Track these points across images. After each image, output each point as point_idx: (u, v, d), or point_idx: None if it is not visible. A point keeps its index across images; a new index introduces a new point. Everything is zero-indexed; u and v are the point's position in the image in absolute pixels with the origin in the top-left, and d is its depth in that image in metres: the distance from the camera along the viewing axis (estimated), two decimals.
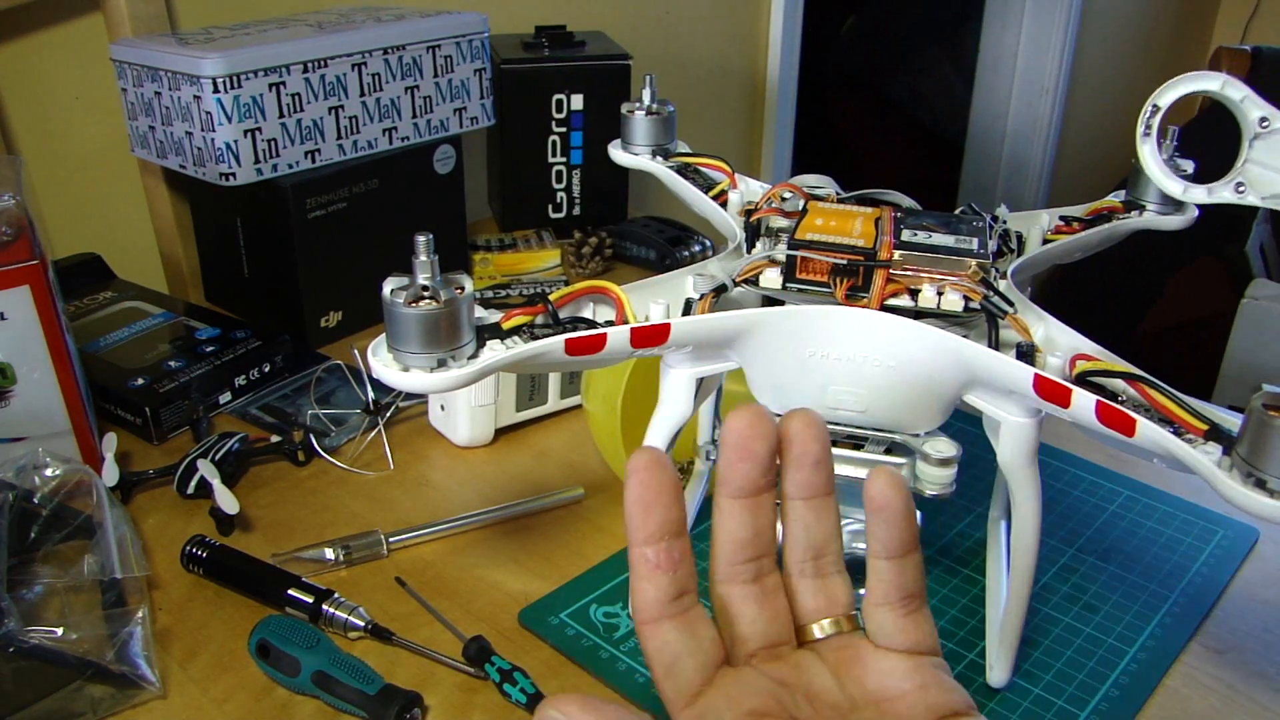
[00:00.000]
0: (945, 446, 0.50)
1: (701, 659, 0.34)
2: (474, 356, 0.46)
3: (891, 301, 0.50)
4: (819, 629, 0.36)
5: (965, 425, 0.74)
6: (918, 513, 0.54)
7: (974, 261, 0.50)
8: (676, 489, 0.33)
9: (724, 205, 0.64)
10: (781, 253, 0.52)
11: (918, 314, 0.50)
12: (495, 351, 0.47)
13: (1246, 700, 0.56)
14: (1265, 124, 0.53)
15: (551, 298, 0.49)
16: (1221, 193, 0.55)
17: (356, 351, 0.82)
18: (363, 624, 0.58)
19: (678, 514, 0.33)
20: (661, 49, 1.49)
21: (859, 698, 0.34)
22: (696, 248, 1.10)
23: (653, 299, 0.51)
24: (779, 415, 0.35)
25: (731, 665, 0.34)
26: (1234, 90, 0.53)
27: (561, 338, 0.47)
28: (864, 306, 0.49)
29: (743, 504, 0.34)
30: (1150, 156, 0.56)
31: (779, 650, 0.35)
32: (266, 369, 0.85)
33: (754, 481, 0.34)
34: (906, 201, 0.60)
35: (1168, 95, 0.56)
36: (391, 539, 0.66)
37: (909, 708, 0.34)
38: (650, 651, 0.33)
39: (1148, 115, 0.56)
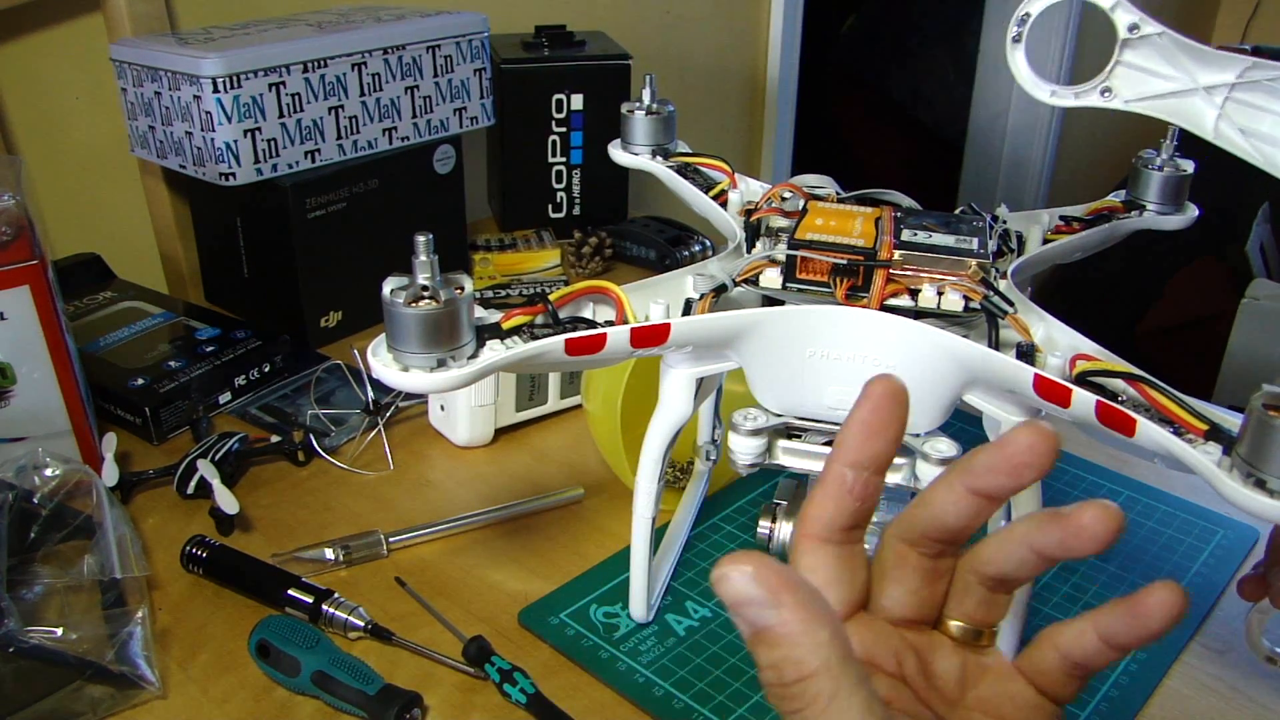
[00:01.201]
0: (945, 446, 0.50)
1: (847, 594, 0.33)
2: (474, 356, 0.46)
3: (891, 301, 0.50)
4: (958, 628, 0.35)
5: (965, 425, 0.74)
6: None
7: (974, 261, 0.50)
8: (902, 429, 0.32)
9: (724, 205, 0.64)
10: (781, 253, 0.52)
11: (918, 314, 0.50)
12: (495, 351, 0.47)
13: (1246, 700, 0.56)
14: (1135, 30, 0.55)
15: (551, 298, 0.49)
16: (1089, 95, 0.56)
17: (356, 351, 0.82)
18: (363, 624, 0.58)
19: (890, 454, 0.33)
20: (661, 49, 1.49)
21: (970, 699, 0.34)
22: (696, 248, 1.10)
23: (653, 299, 0.51)
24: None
25: (868, 613, 0.34)
26: None
27: (561, 338, 0.47)
28: (864, 306, 0.49)
29: (972, 499, 0.33)
30: (1020, 63, 0.58)
31: (919, 628, 0.35)
32: (266, 369, 0.85)
33: (1003, 490, 0.32)
34: (906, 201, 0.60)
35: (1039, 2, 0.57)
36: (391, 539, 0.66)
37: None
38: (799, 568, 0.33)
39: (1018, 23, 0.57)
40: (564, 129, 1.15)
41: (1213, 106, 0.54)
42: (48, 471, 0.62)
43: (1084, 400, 0.43)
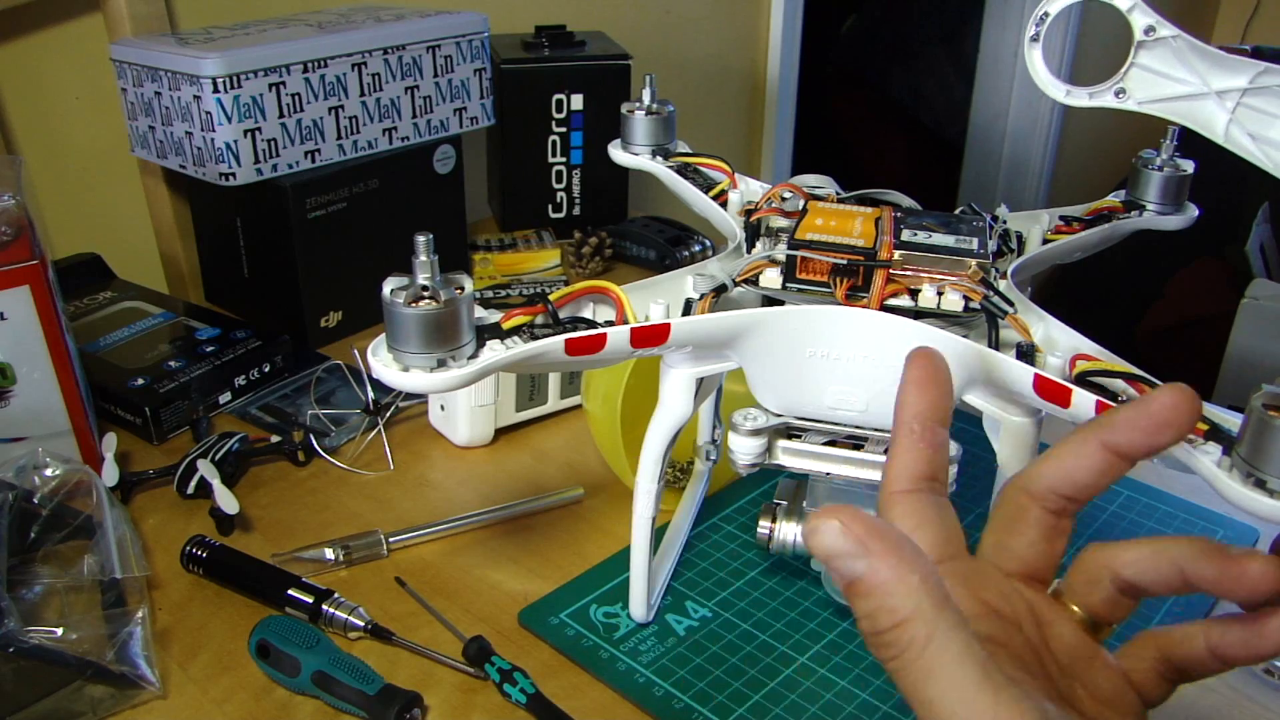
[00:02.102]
0: None
1: (944, 534, 0.33)
2: (474, 356, 0.46)
3: (891, 301, 0.50)
4: (1079, 616, 0.35)
5: (965, 425, 0.74)
6: None
7: (974, 261, 0.50)
8: (949, 381, 0.34)
9: (724, 205, 0.64)
10: (781, 253, 0.52)
11: (918, 314, 0.50)
12: (495, 351, 0.47)
13: (1247, 700, 0.56)
14: (1151, 32, 0.55)
15: (551, 298, 0.49)
16: (1103, 96, 0.57)
17: (356, 351, 0.82)
18: (363, 624, 0.58)
19: (947, 405, 0.34)
20: (661, 49, 1.49)
21: (1082, 676, 0.33)
22: (696, 248, 1.10)
23: (653, 299, 0.51)
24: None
25: (981, 558, 0.34)
26: (1123, 0, 0.55)
27: (561, 338, 0.47)
28: (864, 306, 0.49)
29: (1104, 456, 0.33)
30: (1037, 60, 0.58)
31: (1036, 585, 0.35)
32: (266, 369, 0.85)
33: (1139, 449, 0.32)
34: (906, 201, 0.60)
35: (1057, 2, 0.57)
36: (391, 539, 0.66)
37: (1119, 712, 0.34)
38: (893, 518, 0.33)
39: (1036, 22, 0.57)
40: (564, 129, 1.15)
41: (1224, 111, 0.55)
42: (48, 471, 0.63)
43: (1084, 400, 0.43)
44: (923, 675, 0.27)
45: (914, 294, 0.50)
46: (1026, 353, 0.47)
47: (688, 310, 0.52)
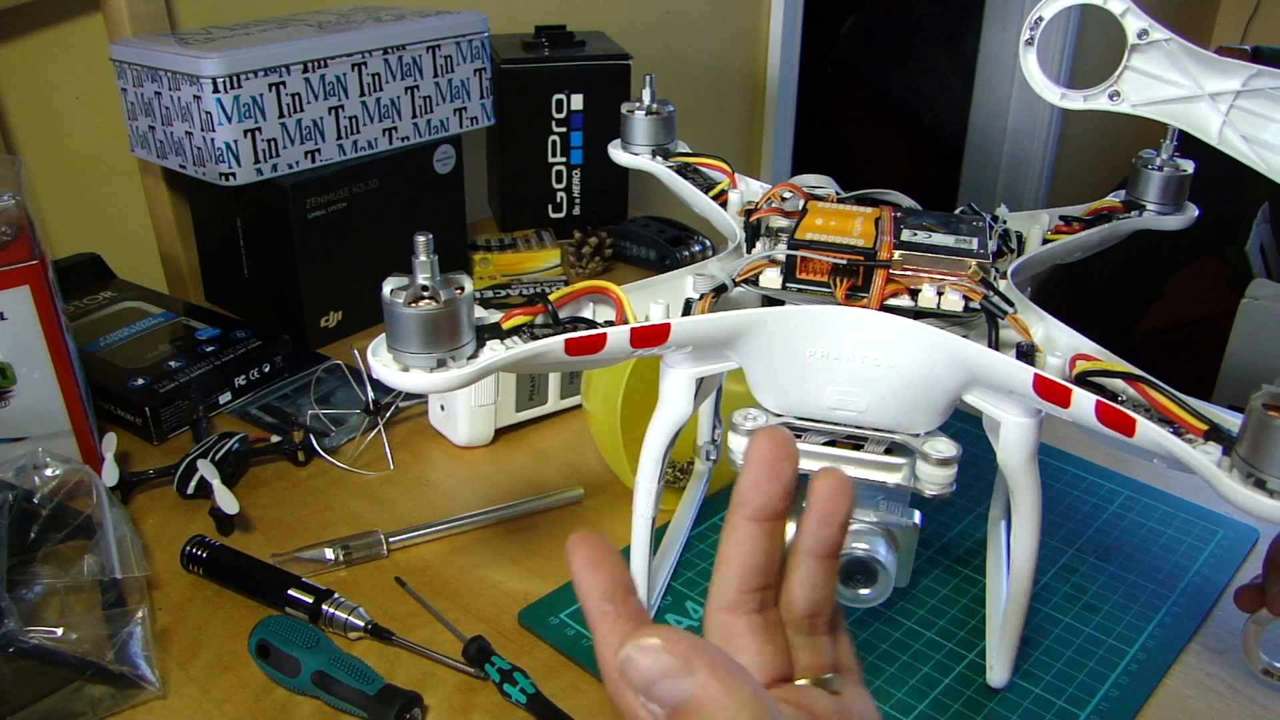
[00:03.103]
0: (945, 446, 0.50)
1: (770, 663, 0.34)
2: (474, 356, 0.46)
3: (891, 301, 0.50)
4: (806, 685, 0.35)
5: (965, 425, 0.74)
6: (916, 513, 0.54)
7: (974, 261, 0.50)
8: (616, 554, 0.33)
9: (724, 205, 0.64)
10: (781, 253, 0.52)
11: (918, 314, 0.50)
12: (495, 351, 0.47)
13: (1246, 700, 0.56)
14: (1144, 36, 0.55)
15: (551, 298, 0.49)
16: (1098, 99, 0.57)
17: (356, 351, 0.82)
18: (363, 624, 0.58)
19: (624, 573, 0.32)
20: (661, 49, 1.49)
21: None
22: (696, 248, 1.10)
23: (653, 299, 0.51)
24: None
25: None
26: (1116, 3, 0.56)
27: (561, 338, 0.47)
28: (864, 306, 0.49)
29: (761, 528, 0.33)
30: (1032, 64, 0.58)
31: (781, 686, 0.34)
32: (266, 369, 0.85)
33: (776, 505, 0.32)
34: (906, 201, 0.60)
35: (1053, 6, 0.58)
36: (391, 539, 0.66)
37: None
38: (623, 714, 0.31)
39: (1031, 26, 0.58)
40: (564, 129, 1.15)
41: (1218, 113, 0.55)
42: (48, 471, 0.63)
43: (1084, 400, 0.43)
44: None
45: (914, 294, 0.50)
46: (1026, 353, 0.47)
47: (688, 310, 0.52)
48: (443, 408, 0.78)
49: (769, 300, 0.53)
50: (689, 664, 0.26)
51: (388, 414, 0.79)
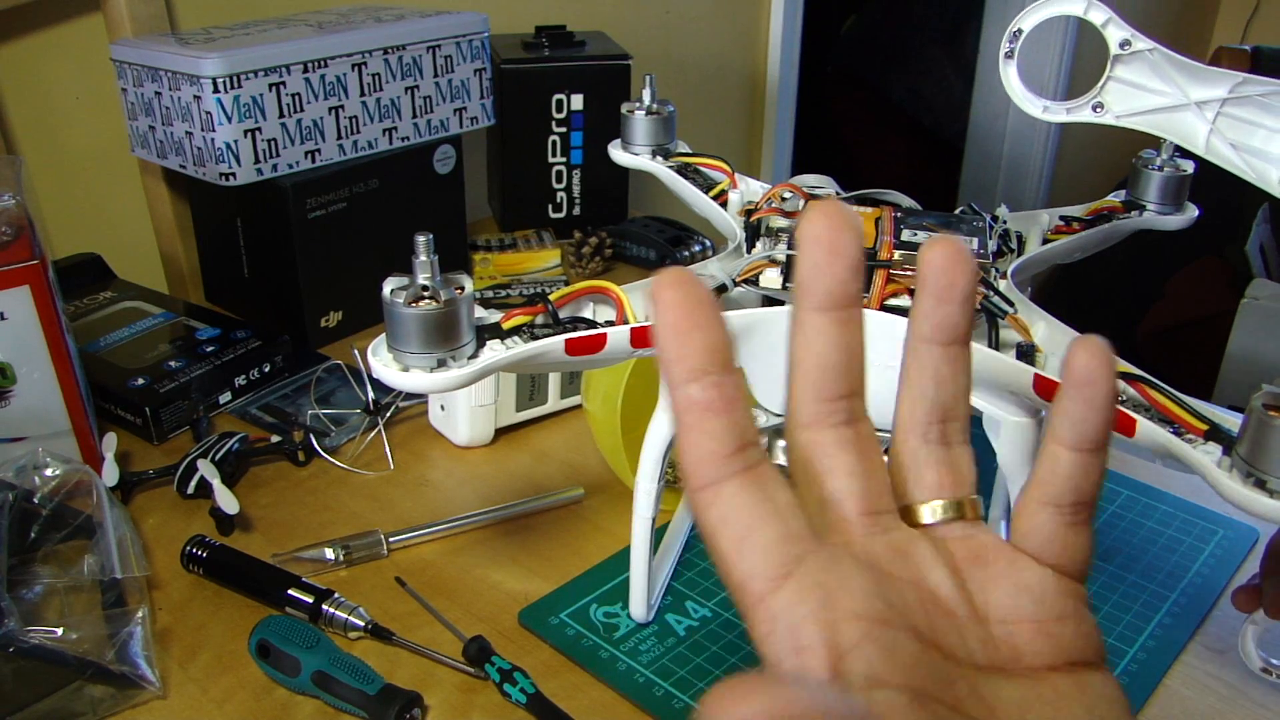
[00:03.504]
0: None
1: (781, 531, 0.24)
2: (474, 356, 0.46)
3: (891, 301, 0.50)
4: (931, 511, 0.28)
5: None
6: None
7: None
8: (716, 310, 0.24)
9: (724, 205, 0.64)
10: (781, 253, 0.52)
11: None
12: (495, 351, 0.47)
13: (1246, 700, 0.56)
14: (1126, 46, 0.55)
15: (551, 298, 0.49)
16: (1081, 111, 0.57)
17: (356, 351, 0.82)
18: (363, 624, 0.58)
19: (723, 340, 0.24)
20: (661, 49, 1.49)
21: (981, 609, 0.27)
22: (696, 248, 1.10)
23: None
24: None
25: (818, 544, 0.25)
26: (1097, 14, 0.55)
27: (561, 338, 0.47)
28: (864, 306, 0.49)
29: (833, 318, 0.26)
30: (1012, 77, 0.58)
31: (881, 520, 0.27)
32: (266, 369, 0.85)
33: (846, 286, 0.26)
34: (906, 201, 0.60)
35: (1032, 18, 0.57)
36: (391, 539, 0.66)
37: (1034, 640, 0.26)
38: (711, 525, 0.24)
39: (1010, 39, 0.57)
40: (564, 129, 1.15)
41: (1204, 122, 0.55)
42: (48, 471, 0.63)
43: None
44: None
45: (914, 294, 0.50)
46: (1026, 353, 0.47)
47: None
48: (443, 408, 0.78)
49: (769, 300, 0.53)
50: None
51: (388, 414, 0.79)
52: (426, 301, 0.44)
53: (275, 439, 0.75)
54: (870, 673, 0.23)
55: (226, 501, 0.66)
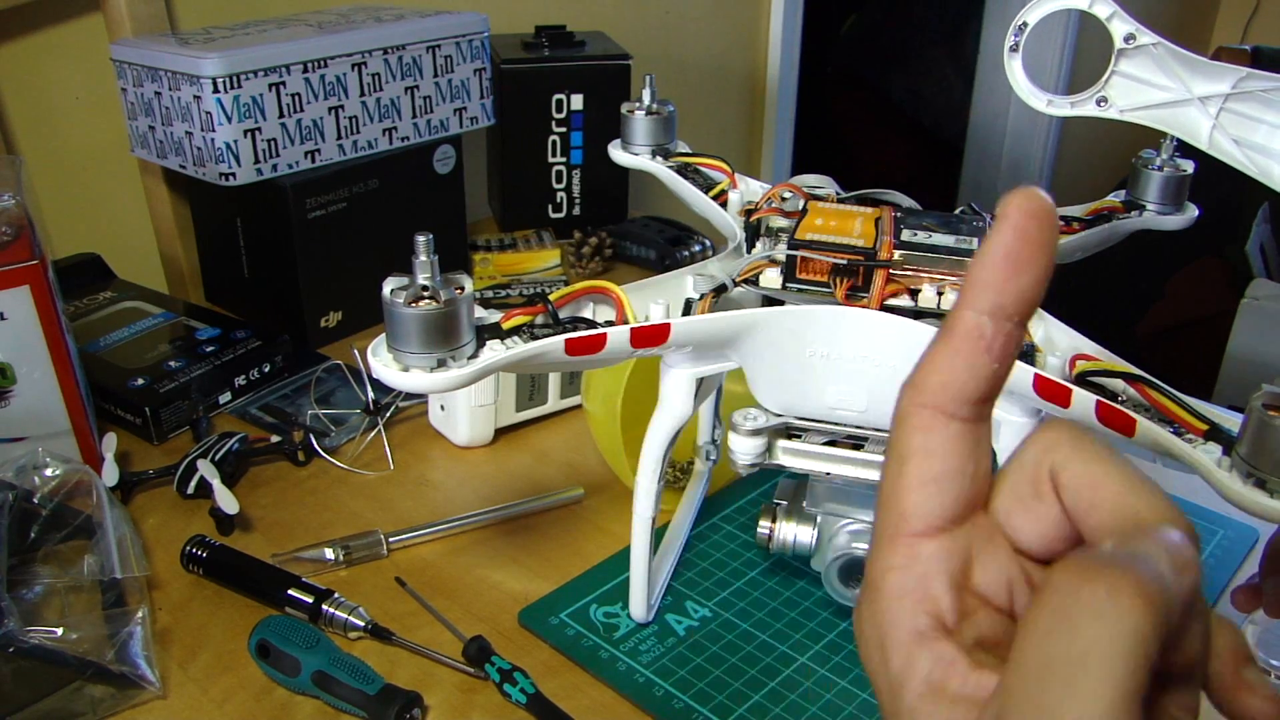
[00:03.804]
0: None
1: (966, 491, 0.25)
2: (474, 356, 0.46)
3: (891, 301, 0.50)
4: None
5: None
6: None
7: None
8: (1053, 257, 0.24)
9: (724, 205, 0.64)
10: (781, 253, 0.52)
11: (918, 314, 0.50)
12: (495, 351, 0.47)
13: None
14: (1131, 40, 0.55)
15: (551, 298, 0.49)
16: (1085, 105, 0.57)
17: (356, 351, 0.82)
18: (363, 624, 0.58)
19: (1039, 295, 0.24)
20: (661, 49, 1.49)
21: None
22: (696, 248, 1.10)
23: (653, 299, 0.51)
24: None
25: (979, 517, 0.26)
26: (1103, 7, 0.55)
27: (561, 338, 0.47)
28: (864, 306, 0.49)
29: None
30: (1017, 71, 0.58)
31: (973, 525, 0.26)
32: (266, 369, 0.85)
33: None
34: (906, 201, 0.60)
35: (1037, 11, 0.57)
36: (391, 539, 0.66)
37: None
38: (910, 448, 0.25)
39: (1015, 33, 0.57)
40: (564, 129, 1.15)
41: (1207, 117, 0.55)
42: (48, 471, 0.63)
43: (1084, 400, 0.43)
44: None
45: (914, 294, 0.50)
46: (1026, 353, 0.47)
47: (688, 310, 0.52)
48: (443, 408, 0.78)
49: (769, 300, 0.53)
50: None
51: (388, 414, 0.79)
52: (426, 301, 0.44)
53: (275, 439, 0.75)
54: (975, 638, 0.24)
55: (226, 501, 0.66)
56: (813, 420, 0.52)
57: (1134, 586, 0.20)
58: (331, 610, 0.59)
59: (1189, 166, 0.65)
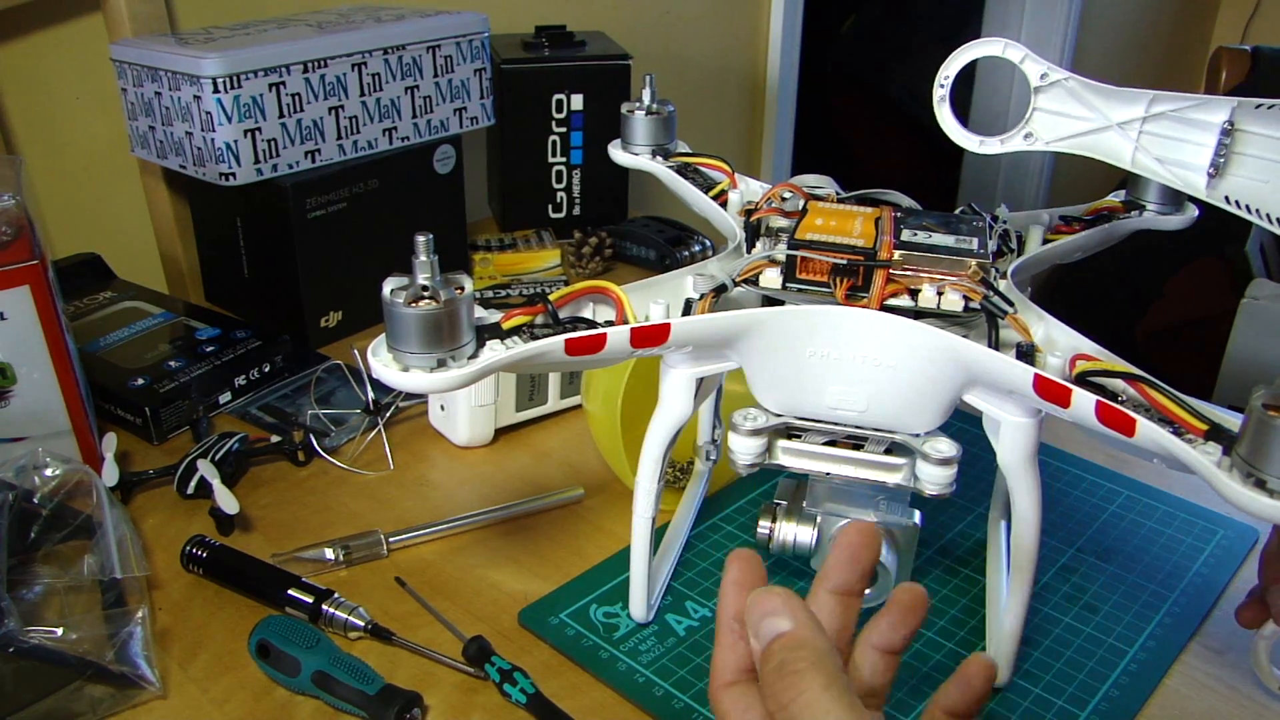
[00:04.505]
0: (945, 446, 0.50)
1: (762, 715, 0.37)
2: (474, 356, 0.46)
3: (891, 301, 0.50)
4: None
5: (965, 425, 0.74)
6: (916, 513, 0.54)
7: (974, 261, 0.50)
8: (764, 581, 0.39)
9: (724, 205, 0.64)
10: (781, 253, 0.52)
11: (918, 314, 0.50)
12: (495, 351, 0.47)
13: (1246, 700, 0.56)
14: (1045, 78, 0.58)
15: (551, 298, 0.49)
16: (1013, 141, 0.59)
17: (356, 351, 0.82)
18: (363, 624, 0.58)
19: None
20: (661, 49, 1.49)
21: None
22: (696, 248, 1.10)
23: (653, 299, 0.51)
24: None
25: None
26: (1014, 52, 0.58)
27: (561, 338, 0.47)
28: (864, 306, 0.49)
29: (839, 600, 0.39)
30: (947, 117, 0.60)
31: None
32: (266, 369, 0.85)
33: (852, 585, 0.40)
34: (906, 201, 0.60)
35: (955, 64, 0.59)
36: (391, 539, 0.66)
37: None
38: (722, 712, 0.38)
39: (940, 84, 0.60)
40: (564, 129, 1.15)
41: (1128, 140, 0.57)
42: (48, 471, 0.63)
43: (1084, 400, 0.43)
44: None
45: (914, 294, 0.50)
46: (1026, 353, 0.47)
47: (688, 310, 0.52)
48: (443, 408, 0.78)
49: (769, 300, 0.53)
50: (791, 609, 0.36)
51: (388, 414, 0.79)
52: (426, 301, 0.44)
53: (275, 439, 0.75)
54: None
55: (226, 501, 0.66)
56: (813, 420, 0.52)
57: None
58: (331, 610, 0.59)
59: None
